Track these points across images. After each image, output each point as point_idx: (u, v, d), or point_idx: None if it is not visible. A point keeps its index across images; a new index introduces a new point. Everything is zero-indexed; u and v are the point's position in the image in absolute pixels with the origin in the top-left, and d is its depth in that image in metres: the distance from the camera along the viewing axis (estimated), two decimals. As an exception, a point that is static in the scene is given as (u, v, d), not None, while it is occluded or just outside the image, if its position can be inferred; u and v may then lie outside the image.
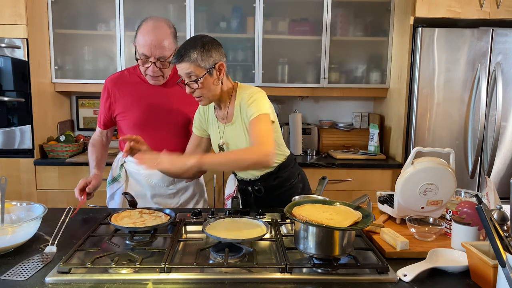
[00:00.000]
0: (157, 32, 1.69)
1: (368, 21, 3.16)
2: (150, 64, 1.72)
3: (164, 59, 1.72)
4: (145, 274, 1.14)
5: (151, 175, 1.90)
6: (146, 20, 1.74)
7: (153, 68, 1.73)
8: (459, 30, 2.75)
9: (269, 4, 3.05)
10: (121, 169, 1.96)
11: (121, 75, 1.90)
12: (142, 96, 1.84)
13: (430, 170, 1.50)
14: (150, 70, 1.74)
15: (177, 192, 1.95)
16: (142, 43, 1.69)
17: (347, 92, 3.19)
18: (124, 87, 1.86)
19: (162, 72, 1.77)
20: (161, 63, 1.73)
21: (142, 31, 1.71)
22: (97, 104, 3.43)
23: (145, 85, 1.85)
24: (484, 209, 1.05)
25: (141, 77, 1.86)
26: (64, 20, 3.06)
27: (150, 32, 1.68)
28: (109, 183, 2.01)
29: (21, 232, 1.29)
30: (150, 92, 1.84)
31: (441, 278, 1.17)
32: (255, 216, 1.58)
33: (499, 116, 2.76)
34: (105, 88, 1.88)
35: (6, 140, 2.81)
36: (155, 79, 1.79)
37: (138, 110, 1.83)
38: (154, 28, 1.69)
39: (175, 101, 1.83)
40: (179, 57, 1.50)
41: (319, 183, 1.74)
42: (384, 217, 1.62)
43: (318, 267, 1.19)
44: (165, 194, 1.94)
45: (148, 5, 3.06)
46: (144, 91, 1.84)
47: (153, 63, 1.71)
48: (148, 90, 1.84)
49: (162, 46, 1.69)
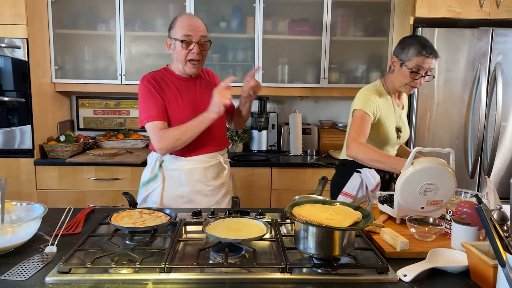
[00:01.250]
0: (194, 18, 1.87)
1: (368, 21, 3.16)
2: (194, 45, 1.81)
3: (205, 39, 1.84)
4: (145, 274, 1.14)
5: (193, 170, 1.89)
6: (179, 14, 1.89)
7: (197, 49, 1.81)
8: (459, 30, 2.75)
9: (269, 4, 3.05)
10: (160, 169, 1.93)
11: (156, 73, 1.92)
12: (181, 91, 1.89)
13: (430, 170, 1.50)
14: (194, 52, 1.82)
15: (214, 190, 1.96)
16: (183, 26, 1.81)
17: (347, 92, 3.19)
18: (163, 84, 1.89)
19: (202, 56, 1.86)
20: (202, 45, 1.83)
21: (180, 20, 1.84)
22: (97, 104, 3.43)
23: (181, 81, 1.91)
24: (484, 209, 1.05)
25: (173, 75, 1.92)
26: (64, 20, 3.06)
27: (190, 18, 1.85)
28: (144, 184, 1.96)
29: (21, 232, 1.29)
30: (186, 88, 1.90)
31: (441, 278, 1.17)
32: (255, 216, 1.59)
33: (499, 116, 2.76)
34: (148, 81, 1.86)
35: (6, 140, 2.81)
36: (196, 66, 1.86)
37: (182, 105, 1.86)
38: (190, 16, 1.88)
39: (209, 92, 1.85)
40: (437, 54, 1.89)
41: (319, 183, 1.74)
42: (384, 217, 1.62)
43: (318, 267, 1.19)
44: (205, 191, 1.93)
45: (148, 5, 3.06)
46: (181, 87, 1.90)
47: (196, 43, 1.81)
48: (184, 85, 1.91)
49: (202, 28, 1.85)
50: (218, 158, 1.95)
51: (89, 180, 2.82)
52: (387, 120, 2.00)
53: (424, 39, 1.94)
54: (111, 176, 2.83)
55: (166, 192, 1.91)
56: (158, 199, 1.91)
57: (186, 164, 1.89)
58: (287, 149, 3.28)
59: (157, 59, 3.13)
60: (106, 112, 3.45)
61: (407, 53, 1.91)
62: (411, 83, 1.93)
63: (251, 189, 2.88)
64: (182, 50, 1.81)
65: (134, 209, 1.57)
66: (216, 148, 1.94)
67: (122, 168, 2.82)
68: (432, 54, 1.88)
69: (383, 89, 2.03)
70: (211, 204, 1.94)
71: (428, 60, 1.88)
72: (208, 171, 1.92)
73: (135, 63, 3.10)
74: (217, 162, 1.95)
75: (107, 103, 3.44)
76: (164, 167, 1.93)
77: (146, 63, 3.12)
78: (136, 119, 3.45)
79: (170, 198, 1.91)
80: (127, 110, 3.45)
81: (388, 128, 2.01)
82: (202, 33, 1.82)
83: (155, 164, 1.93)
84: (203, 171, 1.91)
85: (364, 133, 1.88)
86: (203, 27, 1.85)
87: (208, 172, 1.92)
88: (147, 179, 1.96)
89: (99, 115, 3.45)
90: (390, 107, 2.03)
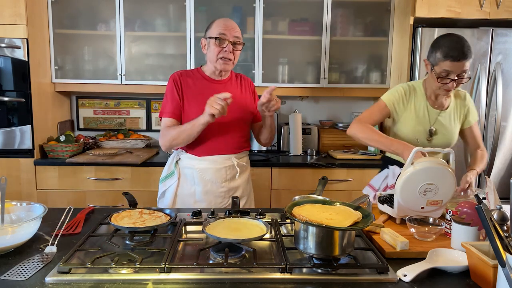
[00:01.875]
0: (230, 21, 1.93)
1: (368, 21, 3.16)
2: (227, 43, 1.86)
3: (238, 40, 1.90)
4: (145, 274, 1.14)
5: (206, 170, 1.93)
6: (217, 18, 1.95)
7: (230, 48, 1.87)
8: (459, 30, 2.75)
9: (269, 4, 3.05)
10: (176, 166, 2.00)
11: (186, 71, 2.01)
12: (205, 90, 1.92)
13: (430, 170, 1.50)
14: (226, 49, 1.87)
15: (227, 191, 1.98)
16: (219, 26, 1.88)
17: (347, 92, 3.19)
18: (189, 81, 1.96)
19: (234, 57, 1.91)
20: (235, 46, 1.89)
21: (217, 21, 1.91)
22: (97, 104, 3.43)
23: (207, 83, 1.96)
24: (484, 209, 1.05)
25: (203, 74, 1.98)
26: (64, 20, 3.06)
27: (226, 20, 1.92)
28: (162, 180, 2.05)
29: (21, 232, 1.29)
30: (210, 90, 1.92)
31: (441, 278, 1.17)
32: (255, 216, 1.59)
33: (499, 116, 2.76)
34: (173, 80, 1.96)
35: (6, 140, 2.81)
36: (227, 64, 1.90)
37: (197, 106, 1.88)
38: (227, 19, 1.94)
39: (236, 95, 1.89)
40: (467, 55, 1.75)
41: (319, 183, 1.74)
42: (384, 217, 1.62)
43: (318, 267, 1.19)
44: (217, 192, 1.96)
45: (148, 5, 3.06)
46: (205, 89, 1.93)
47: (229, 42, 1.87)
48: (210, 87, 1.94)
49: (237, 29, 1.92)
50: (232, 160, 1.97)
51: (89, 180, 2.82)
52: (411, 119, 1.94)
53: (455, 39, 1.79)
54: (111, 176, 2.83)
55: (180, 189, 1.98)
56: (172, 196, 1.98)
57: (199, 163, 1.94)
58: (287, 149, 3.28)
59: (157, 59, 3.13)
60: (106, 112, 3.45)
61: (434, 57, 1.81)
62: (443, 87, 1.82)
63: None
64: (215, 47, 1.88)
65: (134, 209, 1.57)
66: (230, 150, 1.97)
67: (122, 168, 2.82)
68: (460, 57, 1.74)
69: (421, 87, 1.96)
70: (223, 205, 1.98)
71: (456, 64, 1.76)
72: (221, 172, 1.95)
73: (135, 63, 3.10)
74: (230, 165, 1.97)
75: (107, 103, 3.44)
76: (180, 164, 2.00)
77: (146, 63, 3.12)
78: (136, 119, 3.46)
79: (184, 195, 1.98)
80: (127, 110, 3.45)
81: (414, 127, 1.93)
82: (236, 34, 1.89)
83: (172, 161, 2.02)
84: (215, 172, 1.94)
85: (372, 117, 1.95)
86: (238, 29, 1.92)
87: (220, 173, 1.95)
88: (164, 175, 2.05)
89: (99, 115, 3.45)
90: (422, 107, 1.94)
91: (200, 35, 3.05)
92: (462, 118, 2.00)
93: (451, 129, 1.96)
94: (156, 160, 2.91)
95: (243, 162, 2.04)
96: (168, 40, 3.12)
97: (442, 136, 1.94)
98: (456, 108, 1.98)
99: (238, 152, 2.00)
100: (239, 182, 2.02)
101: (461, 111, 1.99)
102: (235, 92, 1.95)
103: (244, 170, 2.05)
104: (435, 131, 1.94)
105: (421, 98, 1.95)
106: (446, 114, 1.96)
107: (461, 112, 1.99)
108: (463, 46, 1.76)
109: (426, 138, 1.94)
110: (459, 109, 1.99)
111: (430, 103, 1.95)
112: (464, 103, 2.00)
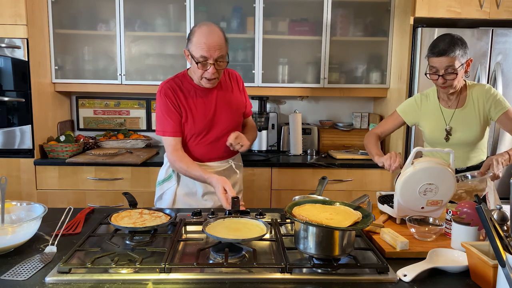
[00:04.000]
0: (213, 34, 1.76)
1: (368, 21, 3.16)
2: (209, 66, 1.77)
3: (222, 59, 1.79)
4: (145, 274, 1.14)
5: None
6: (199, 26, 1.81)
7: (212, 70, 1.77)
8: (459, 30, 2.75)
9: (269, 4, 3.05)
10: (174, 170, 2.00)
11: (175, 83, 1.91)
12: (197, 104, 1.90)
13: (430, 170, 1.50)
14: (209, 72, 1.78)
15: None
16: (200, 46, 1.75)
17: (347, 92, 3.19)
18: (181, 95, 1.89)
19: (218, 74, 1.83)
20: (218, 64, 1.79)
21: (198, 35, 1.76)
22: (97, 104, 3.43)
23: (198, 91, 1.90)
24: (484, 209, 1.05)
25: (191, 83, 1.91)
26: (64, 20, 3.06)
27: (208, 35, 1.75)
28: (159, 183, 2.04)
29: (21, 232, 1.29)
30: (203, 99, 1.90)
31: (441, 278, 1.17)
32: (255, 216, 1.59)
33: (499, 116, 2.76)
34: (166, 96, 1.87)
35: (6, 140, 2.81)
36: (211, 82, 1.84)
37: (197, 118, 1.89)
38: (209, 32, 1.76)
39: (225, 102, 1.94)
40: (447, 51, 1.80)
41: (319, 183, 1.75)
42: (384, 217, 1.62)
43: (318, 267, 1.19)
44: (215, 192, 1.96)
45: (148, 5, 3.06)
46: (198, 98, 1.90)
47: (212, 64, 1.76)
48: (201, 96, 1.91)
49: (220, 46, 1.77)
50: (230, 162, 2.02)
51: (89, 180, 2.82)
52: (427, 122, 2.03)
53: (441, 36, 1.87)
54: (111, 176, 2.83)
55: (180, 190, 1.98)
56: (171, 198, 1.98)
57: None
58: (287, 149, 3.28)
59: (157, 59, 3.13)
60: (106, 112, 3.45)
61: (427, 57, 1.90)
62: (436, 84, 1.91)
63: (251, 189, 2.88)
64: (197, 68, 1.79)
65: (134, 209, 1.58)
66: (228, 155, 2.01)
67: (122, 168, 2.82)
68: (441, 53, 1.81)
69: (434, 91, 2.02)
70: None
71: (438, 59, 1.83)
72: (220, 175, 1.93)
73: (135, 63, 3.10)
74: (228, 166, 2.01)
75: (107, 103, 3.44)
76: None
77: (146, 63, 3.12)
78: (136, 119, 3.46)
79: (184, 196, 1.98)
80: (127, 110, 3.45)
81: (430, 129, 2.02)
82: (218, 53, 1.76)
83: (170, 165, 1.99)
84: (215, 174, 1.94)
85: (383, 126, 2.16)
86: (220, 44, 1.77)
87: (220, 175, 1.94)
88: (162, 179, 2.03)
89: (99, 115, 3.45)
90: (434, 110, 2.01)
91: (200, 35, 3.06)
92: (486, 112, 1.95)
93: (471, 125, 1.95)
94: (156, 160, 2.91)
95: (239, 162, 2.10)
96: (168, 40, 3.12)
97: (461, 134, 1.96)
98: (476, 104, 1.95)
99: (234, 155, 2.05)
100: (236, 180, 2.07)
101: (485, 105, 1.94)
102: (227, 95, 1.96)
103: (238, 168, 2.09)
104: (452, 130, 1.97)
105: (434, 101, 2.02)
106: (464, 111, 1.96)
107: (485, 106, 1.94)
108: (444, 41, 1.82)
109: (443, 137, 1.99)
110: (481, 104, 1.94)
111: (442, 104, 2.00)
112: (487, 97, 1.94)
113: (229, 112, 1.95)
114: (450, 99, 1.98)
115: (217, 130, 1.93)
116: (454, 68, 1.83)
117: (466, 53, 1.86)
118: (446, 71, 1.84)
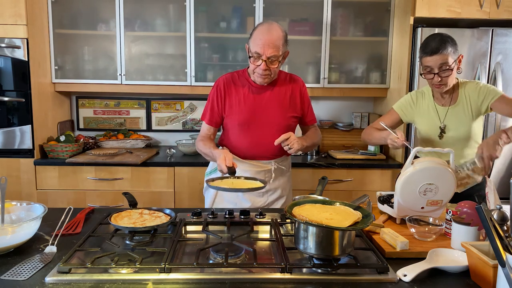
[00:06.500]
0: (271, 33, 1.82)
1: (368, 21, 3.16)
2: (261, 62, 1.83)
3: (275, 58, 1.83)
4: (145, 274, 1.14)
5: (245, 172, 1.95)
6: (261, 22, 1.91)
7: (263, 66, 1.83)
8: (459, 30, 2.75)
9: (269, 4, 3.05)
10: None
11: (232, 76, 2.02)
12: (247, 97, 1.95)
13: (430, 170, 1.50)
14: (260, 68, 1.84)
15: (266, 192, 2.02)
16: (256, 42, 1.82)
17: (347, 92, 3.19)
18: (233, 87, 1.98)
19: (271, 72, 1.88)
20: (271, 62, 1.84)
21: (257, 32, 1.85)
22: (97, 104, 3.43)
23: (252, 87, 1.97)
24: (484, 209, 1.05)
25: (248, 79, 1.98)
26: (64, 20, 3.06)
27: (265, 32, 1.82)
28: (207, 174, 2.13)
29: (21, 232, 1.29)
30: (255, 94, 1.96)
31: (441, 278, 1.17)
32: (255, 216, 1.59)
33: (499, 116, 2.76)
34: (217, 87, 2.00)
35: (6, 140, 2.81)
36: (262, 78, 1.89)
37: (243, 110, 1.95)
38: (268, 29, 1.83)
39: (277, 103, 1.97)
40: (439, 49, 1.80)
41: (319, 183, 1.75)
42: (384, 217, 1.62)
43: (318, 267, 1.19)
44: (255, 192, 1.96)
45: (148, 5, 3.06)
46: (249, 93, 1.96)
47: (264, 61, 1.82)
48: (254, 91, 1.96)
49: (274, 45, 1.81)
50: (271, 165, 2.02)
51: (89, 180, 2.82)
52: (422, 119, 2.04)
53: (432, 35, 1.89)
54: (111, 176, 2.83)
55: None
56: (214, 191, 2.01)
57: (240, 164, 1.94)
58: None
59: (157, 59, 3.13)
60: (106, 112, 3.45)
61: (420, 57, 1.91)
62: (431, 83, 1.91)
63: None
64: (251, 63, 1.88)
65: (134, 209, 1.58)
66: (270, 157, 2.02)
67: (122, 168, 2.82)
68: (433, 51, 1.82)
69: (429, 90, 2.03)
70: (260, 204, 2.02)
71: (431, 58, 1.83)
72: (259, 175, 1.97)
73: (135, 63, 3.10)
74: (269, 169, 2.02)
75: (107, 103, 3.44)
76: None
77: (146, 63, 3.12)
78: (136, 119, 3.46)
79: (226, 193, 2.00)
80: (127, 110, 3.45)
81: (425, 127, 2.03)
82: (272, 52, 1.80)
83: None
84: (254, 174, 1.96)
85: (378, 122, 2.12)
86: (275, 44, 1.81)
87: (259, 176, 1.95)
88: (209, 170, 2.14)
89: (99, 115, 3.45)
90: (429, 108, 2.01)
91: (200, 35, 3.05)
92: (478, 106, 1.93)
93: (465, 122, 1.95)
94: (156, 160, 2.91)
95: (282, 166, 2.07)
96: (168, 40, 3.12)
97: (455, 131, 1.96)
98: (468, 99, 1.95)
99: (277, 157, 2.04)
100: (278, 183, 2.05)
101: (477, 100, 1.92)
102: (280, 96, 1.98)
103: (282, 173, 2.08)
104: (446, 127, 1.97)
105: (428, 99, 2.03)
106: (456, 109, 1.96)
107: (477, 101, 1.92)
108: (435, 40, 1.84)
109: (437, 135, 1.99)
110: (473, 100, 1.93)
111: (436, 102, 2.01)
112: (478, 90, 1.93)
113: (277, 113, 1.96)
114: (444, 97, 1.99)
115: (261, 128, 1.95)
116: (448, 65, 1.83)
117: (457, 49, 1.87)
118: (440, 69, 1.84)
